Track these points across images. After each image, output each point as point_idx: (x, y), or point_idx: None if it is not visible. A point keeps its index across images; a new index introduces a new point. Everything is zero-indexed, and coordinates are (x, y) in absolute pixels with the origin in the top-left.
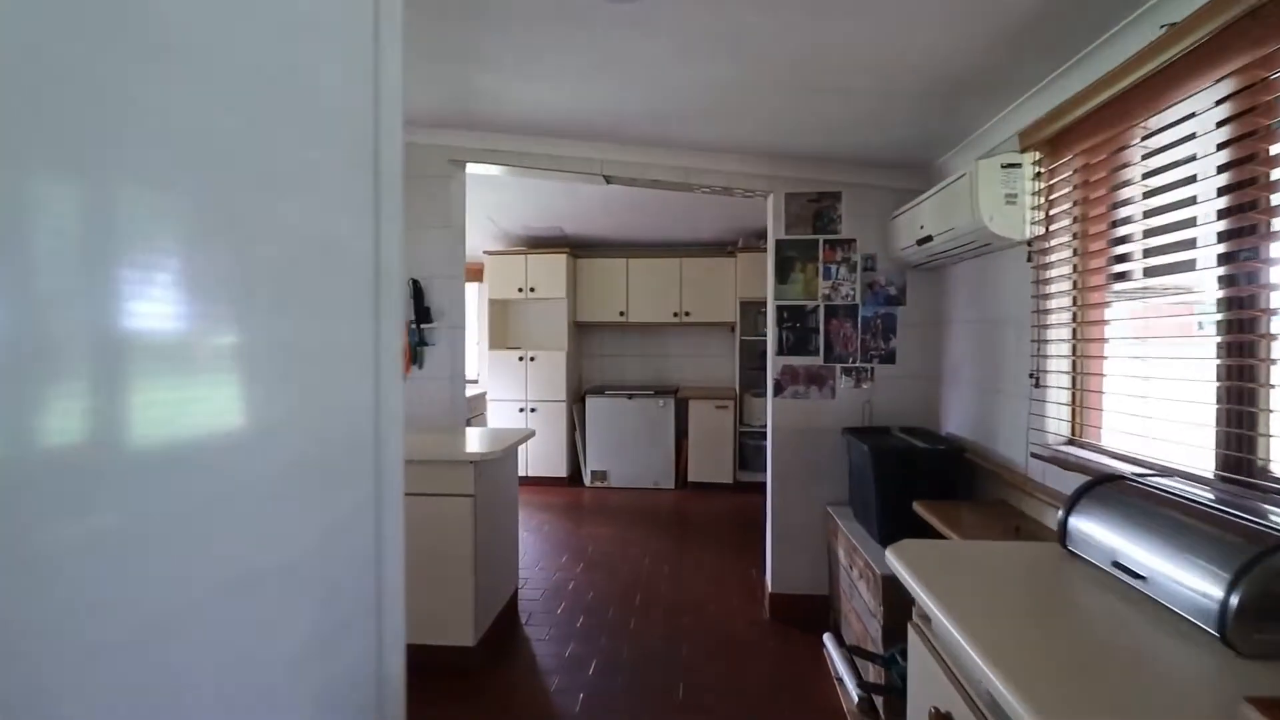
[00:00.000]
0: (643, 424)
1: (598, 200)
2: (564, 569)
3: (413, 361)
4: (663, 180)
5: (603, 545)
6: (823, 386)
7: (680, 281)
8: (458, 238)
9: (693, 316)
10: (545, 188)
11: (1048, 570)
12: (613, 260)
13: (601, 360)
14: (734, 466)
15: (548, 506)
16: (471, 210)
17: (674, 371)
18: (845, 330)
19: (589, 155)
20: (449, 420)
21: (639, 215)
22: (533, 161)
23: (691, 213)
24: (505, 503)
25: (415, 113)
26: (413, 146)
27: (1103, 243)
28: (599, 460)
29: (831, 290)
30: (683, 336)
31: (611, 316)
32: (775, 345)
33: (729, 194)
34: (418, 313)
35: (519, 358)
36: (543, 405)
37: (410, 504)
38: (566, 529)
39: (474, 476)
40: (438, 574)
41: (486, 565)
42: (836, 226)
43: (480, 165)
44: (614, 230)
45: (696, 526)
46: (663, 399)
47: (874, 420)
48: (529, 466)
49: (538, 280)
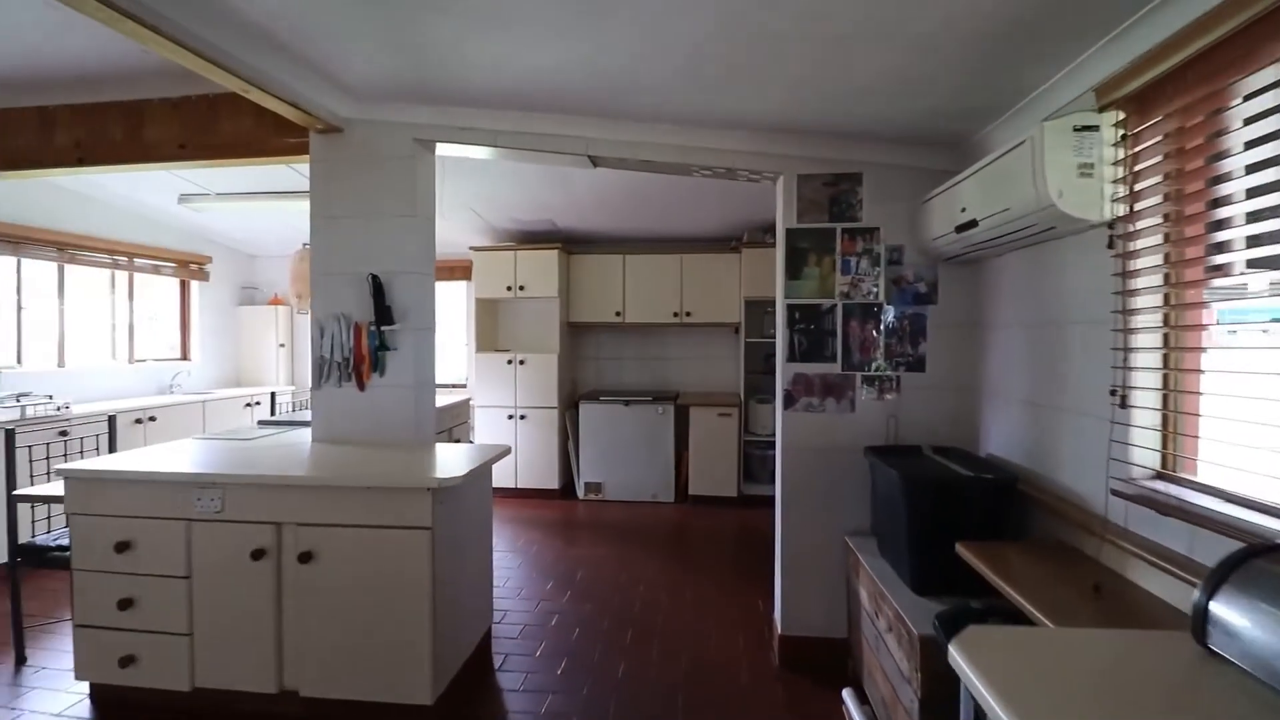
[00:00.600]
0: (640, 432)
1: (590, 190)
2: (549, 598)
3: (373, 368)
4: (656, 161)
5: (594, 569)
6: (841, 398)
7: (681, 279)
8: (425, 228)
9: (694, 317)
10: (533, 177)
11: (1180, 680)
12: (608, 256)
13: (596, 364)
14: (738, 478)
15: (536, 522)
16: (453, 203)
17: (674, 376)
18: (867, 333)
19: (573, 133)
20: (415, 434)
21: (635, 207)
22: (510, 140)
23: (692, 204)
24: (475, 532)
25: (372, 83)
26: (373, 125)
27: (1202, 226)
28: (593, 471)
29: (851, 287)
30: (683, 338)
31: (607, 317)
32: (786, 350)
33: (732, 177)
34: (378, 313)
35: (508, 361)
36: (533, 412)
37: (357, 538)
38: (555, 549)
39: (431, 506)
40: (388, 620)
41: (449, 608)
42: (857, 213)
43: (451, 146)
44: (609, 224)
45: (698, 547)
46: (662, 405)
47: (900, 438)
48: (518, 477)
49: (528, 278)
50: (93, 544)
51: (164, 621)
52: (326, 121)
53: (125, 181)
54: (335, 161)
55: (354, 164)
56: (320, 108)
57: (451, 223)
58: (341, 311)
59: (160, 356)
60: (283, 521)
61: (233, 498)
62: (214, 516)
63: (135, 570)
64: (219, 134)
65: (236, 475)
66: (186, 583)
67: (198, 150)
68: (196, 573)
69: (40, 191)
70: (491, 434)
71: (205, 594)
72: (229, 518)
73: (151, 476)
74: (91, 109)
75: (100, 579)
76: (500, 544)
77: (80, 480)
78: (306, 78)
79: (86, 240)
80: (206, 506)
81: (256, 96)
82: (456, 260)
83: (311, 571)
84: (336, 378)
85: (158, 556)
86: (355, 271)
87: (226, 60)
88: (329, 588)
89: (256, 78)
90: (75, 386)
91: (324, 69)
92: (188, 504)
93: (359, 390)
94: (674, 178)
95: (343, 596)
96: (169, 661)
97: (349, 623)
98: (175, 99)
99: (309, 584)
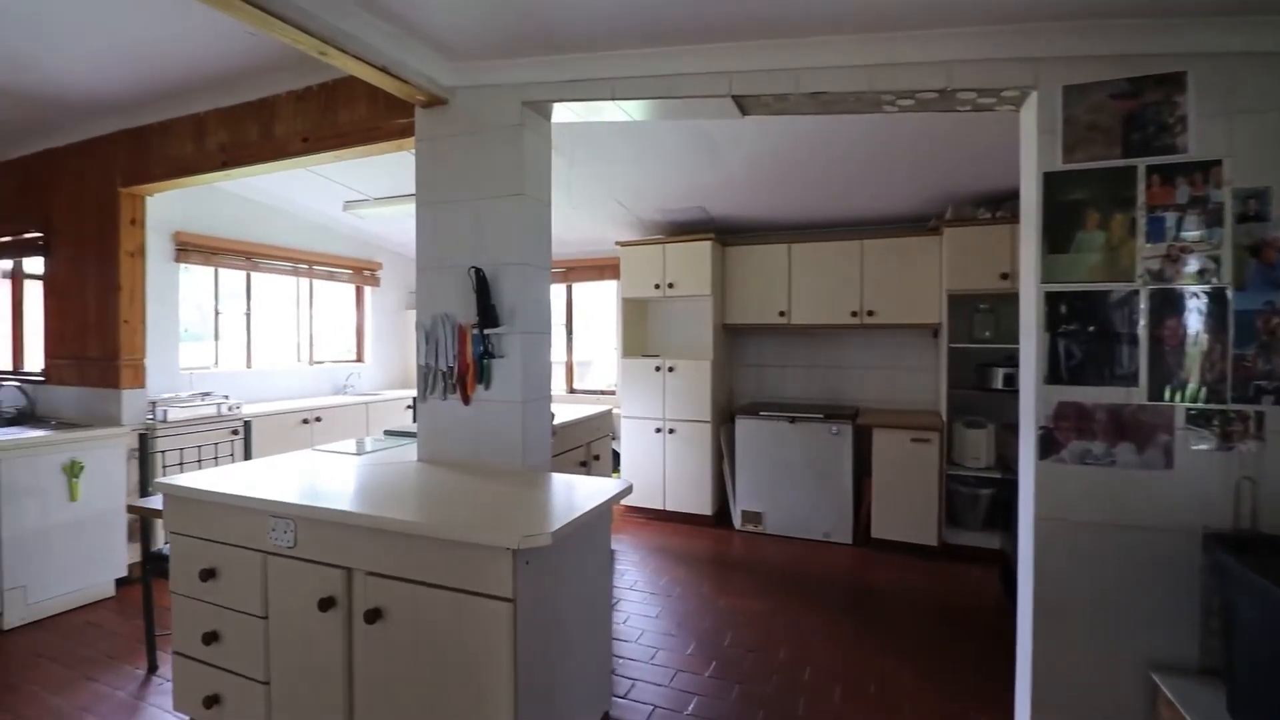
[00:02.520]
0: (809, 455)
1: (745, 164)
2: (688, 668)
3: (478, 379)
4: (829, 93)
5: (747, 631)
6: (1145, 444)
7: (861, 270)
8: (537, 212)
9: (878, 316)
10: (676, 152)
11: None
12: (770, 246)
13: (757, 372)
14: (939, 522)
15: (683, 556)
16: (598, 193)
17: (852, 388)
18: (1198, 337)
19: (711, 67)
20: (522, 460)
21: (801, 182)
22: (630, 89)
23: (875, 172)
24: (584, 598)
25: (470, 34)
26: (477, 92)
27: None
28: (752, 498)
29: (1166, 262)
30: (865, 343)
31: (769, 317)
32: (1045, 364)
33: (948, 105)
34: (481, 314)
35: (655, 367)
36: (684, 425)
37: (431, 600)
38: (702, 596)
39: (513, 570)
40: (464, 706)
41: (540, 701)
42: (1175, 140)
43: (565, 105)
44: (769, 207)
45: (886, 614)
46: (836, 424)
47: (1264, 516)
48: (666, 499)
49: (677, 274)
50: (185, 567)
51: (244, 664)
52: (428, 91)
53: (304, 191)
54: (439, 138)
55: (457, 139)
56: (416, 73)
57: (596, 218)
58: (445, 312)
59: (337, 359)
60: (353, 567)
61: (304, 532)
62: (287, 552)
63: (219, 602)
64: (336, 123)
65: (305, 507)
66: (264, 624)
67: (318, 142)
68: (273, 615)
69: (230, 204)
70: (636, 449)
71: (281, 640)
72: (301, 555)
73: (228, 499)
74: (231, 111)
75: (190, 605)
76: (639, 581)
77: (174, 497)
78: (394, 35)
79: (272, 250)
80: (280, 539)
81: (337, 60)
82: (605, 258)
83: (381, 633)
84: (442, 389)
85: (237, 590)
86: (458, 265)
87: (292, 13)
88: (400, 657)
89: (331, 35)
90: (261, 387)
91: (410, 20)
92: (263, 534)
93: (464, 404)
94: (850, 141)
95: (415, 670)
96: (250, 710)
97: (422, 703)
98: (299, 90)
99: (379, 647)
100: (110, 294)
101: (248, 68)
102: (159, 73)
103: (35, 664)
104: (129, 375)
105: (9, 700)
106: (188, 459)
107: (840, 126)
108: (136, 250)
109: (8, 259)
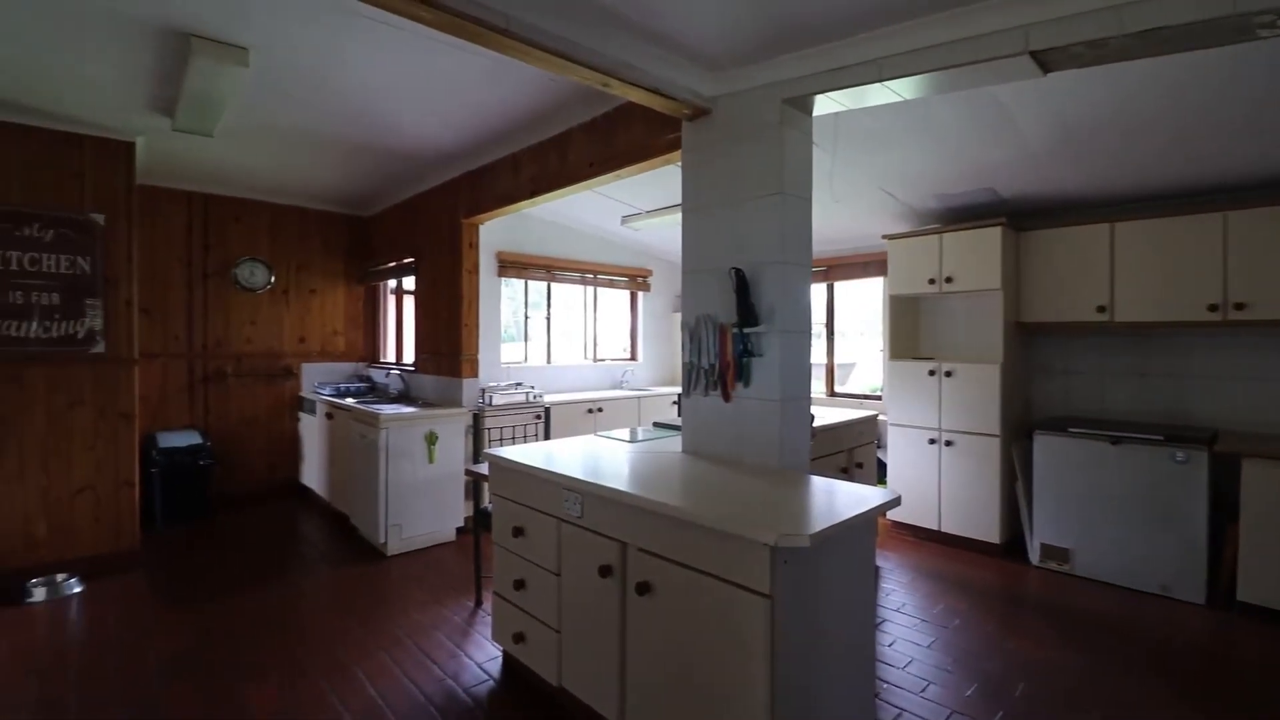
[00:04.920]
0: (1141, 486)
1: (1048, 132)
2: (966, 713)
3: (738, 377)
4: (1171, 27)
5: (1045, 686)
6: None
7: (1224, 251)
8: (797, 209)
9: (1251, 310)
10: (956, 131)
11: None
12: (1085, 228)
13: (1063, 379)
14: None
15: (963, 586)
16: (861, 184)
17: (1203, 404)
18: None
19: (998, 24)
20: (779, 459)
21: (1125, 145)
22: (899, 67)
23: (1236, 123)
24: (844, 606)
25: (729, 39)
26: (737, 97)
27: None
28: (1055, 531)
29: None
30: (1225, 345)
31: (1083, 313)
32: None
33: None
34: (741, 313)
35: (929, 371)
36: (963, 438)
37: (694, 583)
38: (986, 635)
39: (770, 566)
40: (721, 692)
41: (793, 698)
42: None
43: (827, 96)
44: (1084, 179)
45: (1259, 701)
46: (1183, 449)
47: None
48: (941, 519)
49: (957, 267)
50: (503, 523)
51: (542, 610)
52: (692, 104)
53: (589, 210)
54: (702, 147)
55: (719, 145)
56: (681, 89)
57: (859, 211)
58: (708, 313)
59: (615, 357)
60: (627, 542)
61: (589, 505)
62: (576, 520)
63: (526, 555)
64: (616, 146)
65: (588, 483)
66: (557, 580)
67: (602, 164)
68: (564, 573)
69: (535, 226)
70: (905, 460)
71: (570, 596)
72: (586, 525)
73: (534, 470)
74: (538, 148)
75: (506, 556)
76: (908, 605)
77: (496, 465)
78: (662, 57)
79: (566, 262)
80: (571, 509)
81: (618, 89)
82: (870, 254)
83: (650, 605)
84: (704, 385)
85: (538, 548)
86: (720, 267)
87: (577, 52)
88: (668, 630)
89: (612, 67)
90: (558, 380)
91: (675, 40)
92: (558, 503)
93: (725, 401)
94: (1191, 84)
95: (680, 645)
96: (545, 651)
97: (685, 675)
98: (586, 122)
99: (647, 617)
100: (455, 303)
101: (547, 108)
102: (488, 124)
103: (404, 585)
104: (467, 367)
105: (385, 610)
106: (505, 436)
107: (1194, 62)
108: (473, 268)
109: (393, 278)
